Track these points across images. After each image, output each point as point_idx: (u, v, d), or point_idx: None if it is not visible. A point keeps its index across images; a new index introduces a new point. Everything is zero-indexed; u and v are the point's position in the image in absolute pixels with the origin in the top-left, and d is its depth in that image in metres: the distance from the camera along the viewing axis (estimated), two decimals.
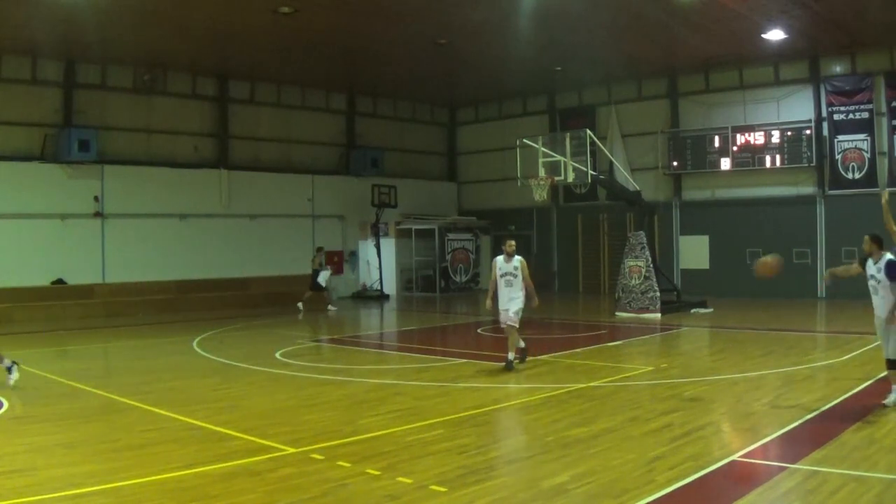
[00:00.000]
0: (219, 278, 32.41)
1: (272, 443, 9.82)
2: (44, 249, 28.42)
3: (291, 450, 9.47)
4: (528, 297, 15.54)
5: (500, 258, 15.65)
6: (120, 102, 30.87)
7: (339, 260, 37.12)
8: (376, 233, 37.27)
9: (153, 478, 8.40)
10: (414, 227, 39.28)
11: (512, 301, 15.38)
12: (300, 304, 29.89)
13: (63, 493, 7.89)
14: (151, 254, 30.63)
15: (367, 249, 38.11)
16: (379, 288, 37.12)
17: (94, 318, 27.53)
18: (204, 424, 10.95)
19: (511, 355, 15.39)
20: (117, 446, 9.90)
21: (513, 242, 15.55)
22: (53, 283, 28.98)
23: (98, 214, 29.61)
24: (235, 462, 8.98)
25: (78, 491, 7.97)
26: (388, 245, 38.82)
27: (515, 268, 15.30)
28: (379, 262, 37.51)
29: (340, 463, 8.84)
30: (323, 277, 30.51)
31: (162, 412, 11.77)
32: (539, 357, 16.99)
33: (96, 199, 29.52)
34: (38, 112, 29.21)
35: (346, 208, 37.22)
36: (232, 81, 34.04)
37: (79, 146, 28.56)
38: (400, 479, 8.19)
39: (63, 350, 21.13)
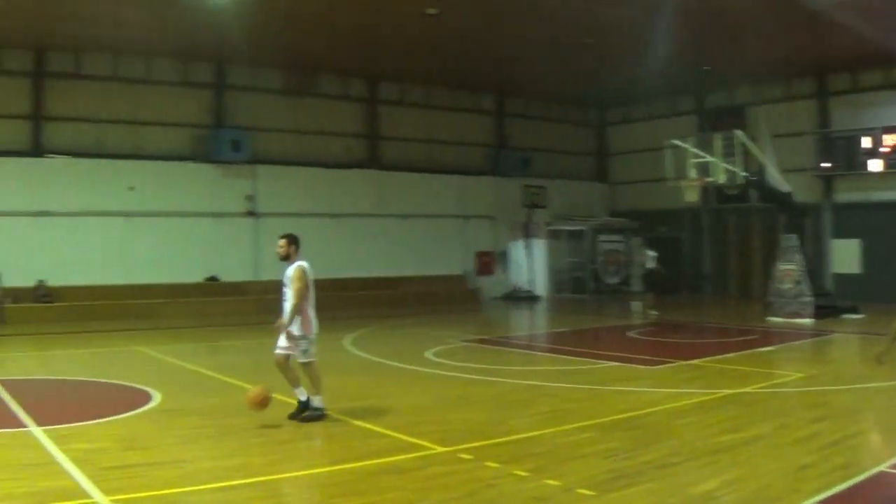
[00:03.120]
0: (370, 277, 32.21)
1: (421, 441, 9.61)
2: (198, 247, 28.89)
3: (440, 449, 9.27)
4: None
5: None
6: (270, 104, 31.11)
7: (491, 261, 36.61)
8: (527, 234, 36.99)
9: (300, 473, 8.41)
10: (564, 228, 38.52)
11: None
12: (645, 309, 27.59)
13: (210, 486, 7.90)
14: (303, 252, 30.50)
15: (517, 251, 37.51)
16: (530, 289, 36.63)
17: (245, 314, 27.47)
18: (354, 421, 10.79)
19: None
20: (265, 441, 9.89)
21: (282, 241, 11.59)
22: (207, 279, 29.33)
23: (251, 213, 30.00)
24: (383, 459, 8.80)
25: (225, 483, 7.97)
26: (539, 246, 38.04)
27: (289, 276, 11.28)
28: (530, 264, 37.16)
29: (488, 463, 8.58)
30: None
31: None
32: (691, 361, 16.50)
33: (249, 198, 29.97)
34: (190, 113, 29.73)
35: (495, 209, 36.55)
36: (382, 83, 33.91)
37: (231, 146, 29.01)
38: (548, 481, 7.93)
39: (215, 345, 21.55)
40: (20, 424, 10.65)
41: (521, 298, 35.97)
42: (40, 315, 26.14)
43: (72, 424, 10.58)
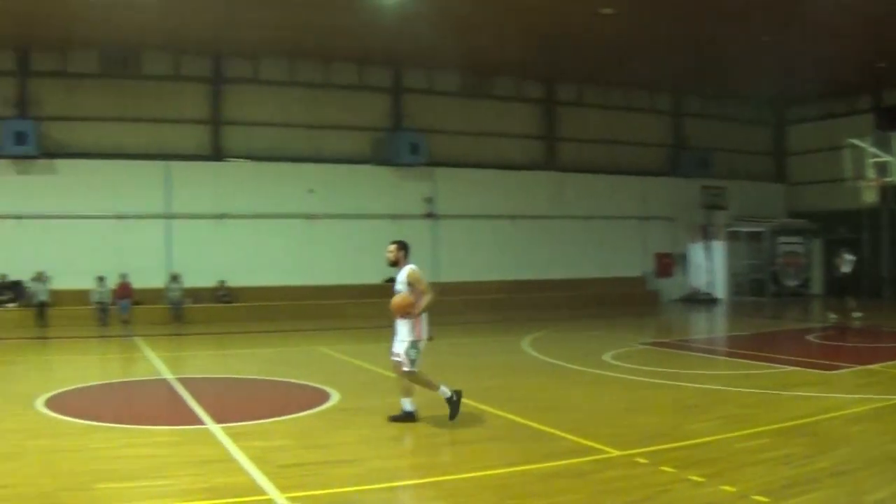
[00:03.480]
0: (548, 279, 31.90)
1: (596, 444, 9.43)
2: (377, 249, 28.96)
3: (615, 452, 9.08)
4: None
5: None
6: (447, 106, 31.27)
7: (670, 263, 35.86)
8: (706, 235, 36.09)
9: (475, 474, 8.30)
10: (743, 229, 37.31)
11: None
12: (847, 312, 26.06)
13: (385, 485, 8.03)
14: (481, 254, 30.70)
15: (696, 253, 36.70)
16: (708, 292, 35.70)
17: None
18: (529, 423, 10.70)
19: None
20: (441, 441, 9.94)
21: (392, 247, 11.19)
22: (385, 281, 29.78)
23: (429, 215, 30.25)
24: (558, 462, 8.70)
25: (399, 483, 8.12)
26: (718, 248, 37.06)
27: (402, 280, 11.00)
28: (709, 266, 36.18)
29: (664, 468, 8.39)
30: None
31: (488, 409, 11.61)
32: (869, 366, 15.77)
33: (427, 200, 30.25)
34: (369, 116, 30.10)
35: (674, 210, 35.81)
36: (558, 84, 33.58)
37: (409, 149, 29.20)
38: (723, 487, 7.71)
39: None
40: (199, 422, 10.91)
41: (700, 301, 35.00)
42: (220, 315, 26.94)
43: (249, 422, 10.79)
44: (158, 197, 28.03)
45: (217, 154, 28.71)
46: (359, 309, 27.91)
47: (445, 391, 10.88)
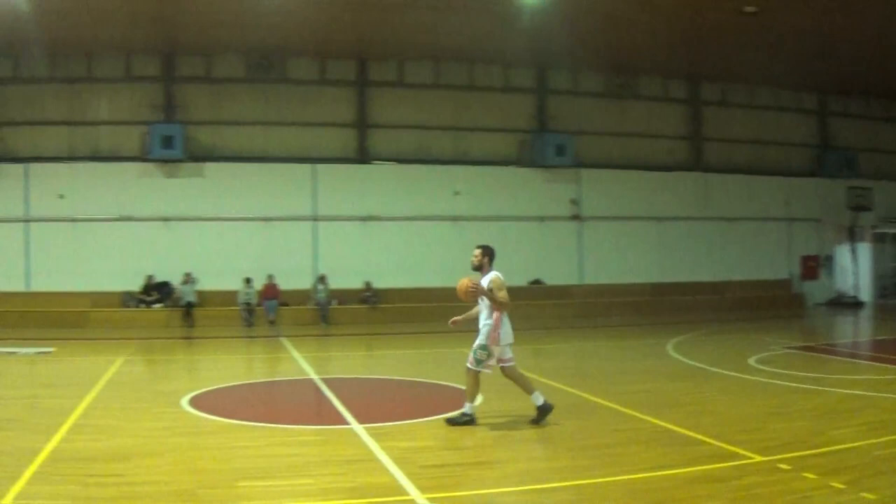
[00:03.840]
0: (693, 282, 30.97)
1: (739, 449, 9.20)
2: (522, 251, 28.50)
3: (758, 458, 8.84)
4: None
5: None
6: (593, 107, 30.51)
7: (816, 266, 34.52)
8: (852, 237, 34.94)
9: (617, 478, 8.16)
10: (890, 230, 35.72)
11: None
12: None
13: (525, 488, 7.86)
14: (627, 256, 29.99)
15: (842, 255, 35.30)
16: (854, 295, 34.35)
17: (569, 318, 27.11)
18: (672, 427, 10.46)
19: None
20: (585, 444, 9.64)
21: (477, 252, 11.18)
22: (531, 283, 28.99)
23: (575, 217, 29.56)
24: (701, 467, 8.48)
25: (540, 486, 7.88)
26: (864, 250, 35.67)
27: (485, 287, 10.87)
28: (855, 269, 34.82)
29: (806, 474, 8.15)
30: None
31: (631, 413, 11.45)
32: None
33: (573, 202, 29.62)
34: (514, 118, 29.59)
35: (820, 211, 34.43)
36: (703, 83, 32.56)
37: (555, 151, 28.60)
38: (863, 494, 7.44)
39: (538, 348, 20.75)
40: (343, 422, 10.89)
41: (846, 304, 33.64)
42: (365, 316, 26.82)
43: (392, 423, 10.76)
44: (305, 199, 28.01)
45: (363, 156, 28.52)
46: None
47: (468, 408, 10.72)
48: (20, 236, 27.25)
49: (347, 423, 10.77)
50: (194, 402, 12.37)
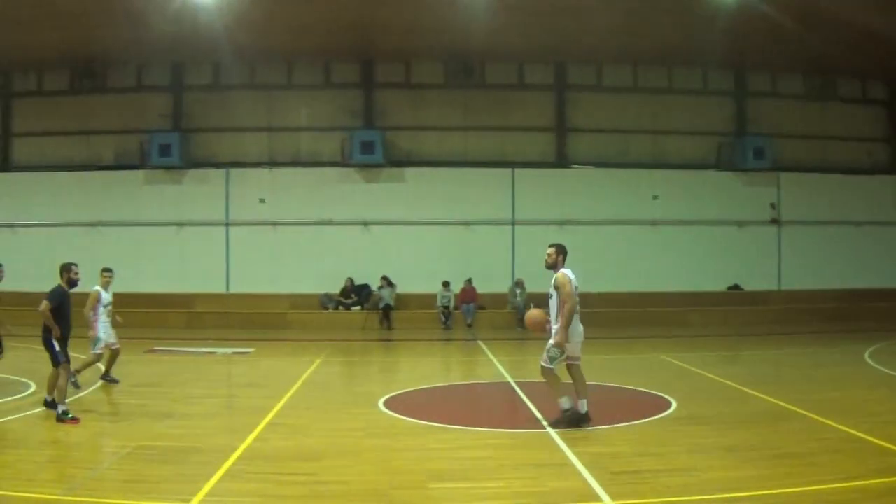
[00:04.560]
0: (892, 288, 29.71)
1: None
2: (720, 255, 28.33)
3: None
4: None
5: None
6: (791, 109, 29.86)
7: None
8: None
9: (809, 487, 7.97)
10: None
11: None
12: None
13: (718, 496, 7.71)
14: (824, 262, 29.17)
15: None
16: None
17: (768, 324, 26.52)
18: (866, 437, 10.11)
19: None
20: (777, 453, 9.43)
21: (550, 250, 11.17)
22: (729, 288, 28.62)
23: (774, 221, 29.00)
24: (894, 479, 8.22)
25: (732, 495, 7.72)
26: None
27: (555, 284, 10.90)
28: None
29: None
30: None
31: (825, 421, 11.11)
32: None
33: (773, 206, 29.00)
34: (712, 121, 29.20)
35: None
36: None
37: (754, 154, 28.15)
38: None
39: (734, 355, 20.88)
40: (537, 425, 10.87)
41: None
42: None
43: (587, 428, 10.61)
44: (503, 203, 28.06)
45: (561, 160, 28.46)
46: (702, 316, 27.17)
47: (565, 403, 10.73)
48: (221, 239, 27.80)
49: (542, 427, 10.76)
50: (389, 404, 12.59)
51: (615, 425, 10.96)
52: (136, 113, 28.58)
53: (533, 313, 11.31)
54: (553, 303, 10.86)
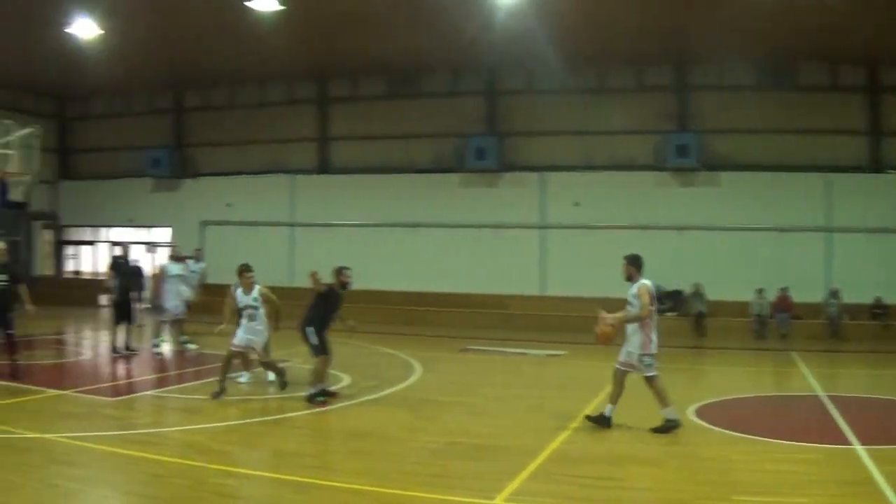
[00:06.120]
0: None
1: None
2: None
3: None
4: None
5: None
6: None
7: None
8: None
9: None
10: None
11: None
12: None
13: None
14: None
15: None
16: None
17: None
18: None
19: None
20: None
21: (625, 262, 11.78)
22: None
23: None
24: None
25: None
26: None
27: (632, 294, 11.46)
28: None
29: None
30: None
31: None
32: None
33: None
34: None
35: None
36: None
37: None
38: None
39: None
40: (845, 441, 10.55)
41: None
42: (874, 332, 25.75)
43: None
44: (817, 210, 27.34)
45: (876, 166, 27.51)
46: None
47: (670, 412, 10.94)
48: (535, 242, 28.31)
49: (849, 444, 10.43)
50: (699, 412, 12.49)
51: None
52: (451, 117, 29.33)
53: (600, 329, 11.33)
54: (631, 309, 11.16)
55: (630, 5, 22.73)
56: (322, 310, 12.83)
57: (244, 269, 13.36)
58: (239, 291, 13.47)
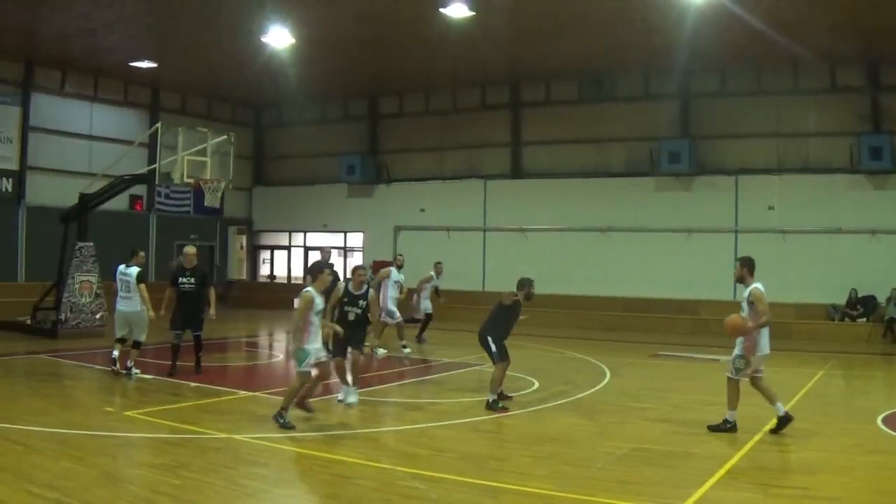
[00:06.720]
0: None
1: None
2: None
3: None
4: None
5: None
6: None
7: None
8: None
9: None
10: None
11: None
12: None
13: None
14: None
15: None
16: None
17: None
18: None
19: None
20: None
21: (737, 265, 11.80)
22: None
23: None
24: None
25: None
26: None
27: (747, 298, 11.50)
28: None
29: None
30: None
31: None
32: None
33: None
34: None
35: None
36: None
37: None
38: None
39: None
40: None
41: None
42: None
43: None
44: None
45: None
46: None
47: (730, 415, 11.18)
48: (730, 246, 28.24)
49: None
50: (888, 421, 12.21)
51: None
52: (644, 120, 29.63)
53: (734, 318, 11.24)
54: (747, 313, 11.08)
55: (825, 4, 22.46)
56: (503, 319, 13.39)
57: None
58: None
